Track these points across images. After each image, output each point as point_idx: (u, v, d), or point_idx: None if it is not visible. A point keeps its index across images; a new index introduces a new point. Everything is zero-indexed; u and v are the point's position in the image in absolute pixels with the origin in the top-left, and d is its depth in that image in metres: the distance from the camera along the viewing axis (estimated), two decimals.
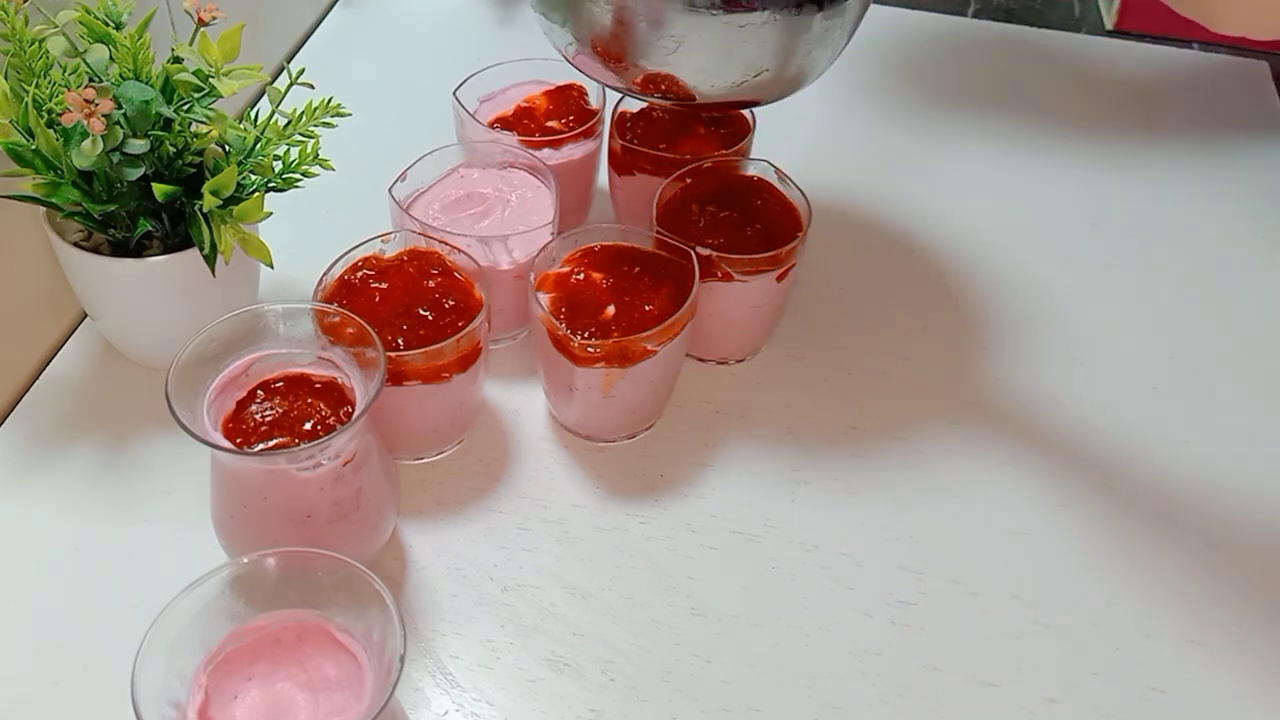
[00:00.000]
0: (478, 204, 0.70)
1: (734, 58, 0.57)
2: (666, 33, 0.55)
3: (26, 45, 0.56)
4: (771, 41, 0.57)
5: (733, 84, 0.58)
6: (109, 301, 0.65)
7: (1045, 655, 0.57)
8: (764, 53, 0.57)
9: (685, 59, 0.56)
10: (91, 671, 0.54)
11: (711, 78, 0.59)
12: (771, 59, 0.58)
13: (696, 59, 0.56)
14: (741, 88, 0.59)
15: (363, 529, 0.56)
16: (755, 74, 0.58)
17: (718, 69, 0.57)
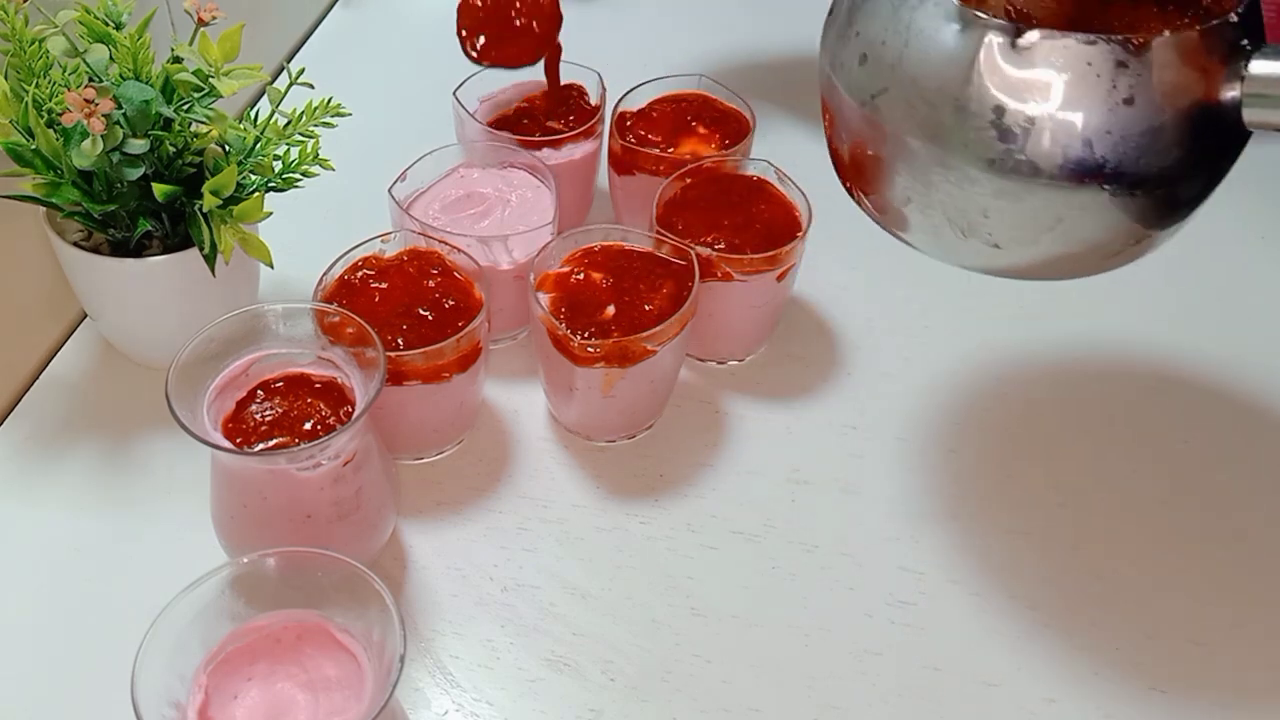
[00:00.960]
0: (478, 204, 0.70)
1: (1118, 229, 0.49)
2: (1046, 213, 0.47)
3: (26, 45, 0.56)
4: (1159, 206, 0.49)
5: (1108, 256, 0.51)
6: (109, 301, 0.65)
7: (1045, 655, 0.57)
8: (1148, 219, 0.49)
9: (1061, 238, 0.49)
10: (91, 671, 0.54)
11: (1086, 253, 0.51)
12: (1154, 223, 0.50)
13: (1074, 236, 0.49)
14: (1114, 259, 0.51)
15: (363, 529, 0.56)
16: (1135, 241, 0.50)
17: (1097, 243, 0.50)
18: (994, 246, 0.49)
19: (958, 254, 0.51)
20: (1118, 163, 0.45)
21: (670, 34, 0.99)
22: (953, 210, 0.49)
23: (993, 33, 0.45)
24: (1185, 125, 0.45)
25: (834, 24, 0.53)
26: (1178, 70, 0.45)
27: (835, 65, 0.52)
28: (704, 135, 0.74)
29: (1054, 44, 0.44)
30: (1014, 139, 0.45)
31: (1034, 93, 0.45)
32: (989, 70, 0.46)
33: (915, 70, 0.47)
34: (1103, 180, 0.45)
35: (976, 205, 0.48)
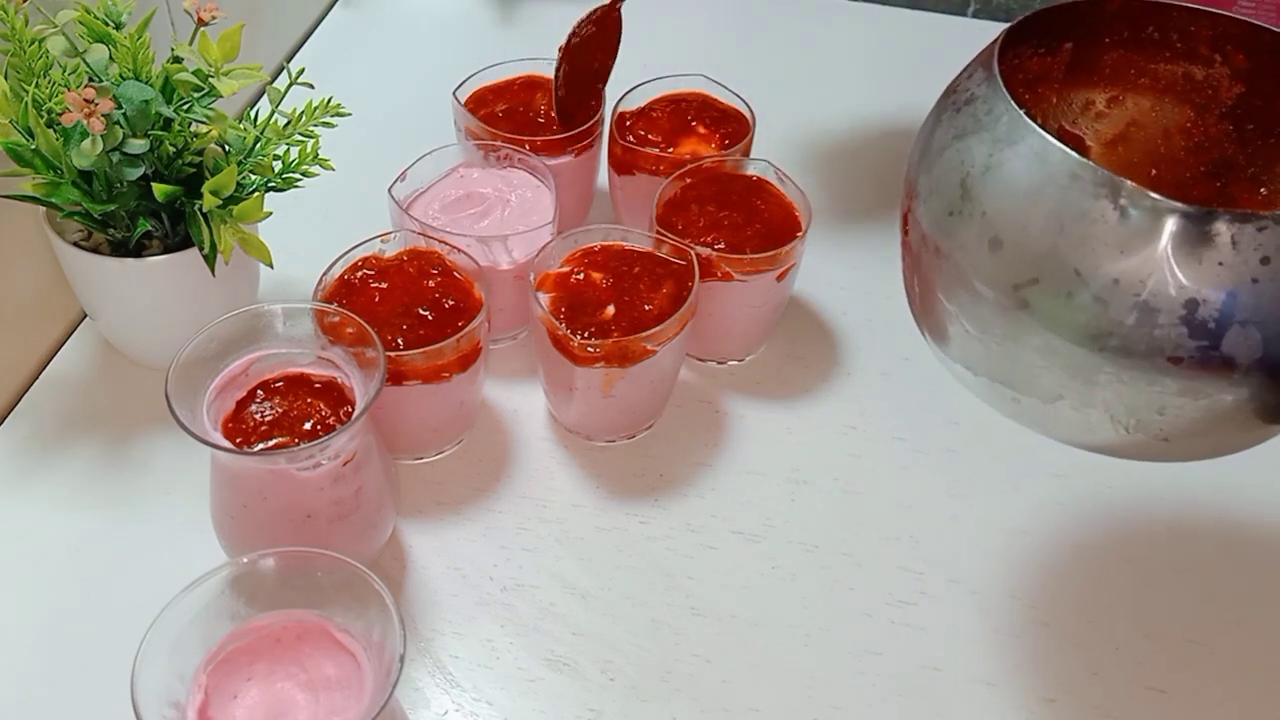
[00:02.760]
0: (477, 204, 0.70)
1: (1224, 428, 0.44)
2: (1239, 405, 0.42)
3: (26, 45, 0.56)
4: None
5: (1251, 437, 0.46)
6: (109, 301, 0.65)
7: (1045, 655, 0.57)
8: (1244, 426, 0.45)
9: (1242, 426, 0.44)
10: (91, 671, 0.54)
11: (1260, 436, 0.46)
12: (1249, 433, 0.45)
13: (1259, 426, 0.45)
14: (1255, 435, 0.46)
15: (363, 529, 0.56)
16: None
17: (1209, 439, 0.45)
18: (1164, 440, 0.44)
19: (1111, 445, 0.46)
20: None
21: (670, 34, 0.99)
22: (1119, 409, 0.43)
23: (1176, 216, 0.39)
24: None
25: (936, 193, 0.46)
26: None
27: (944, 245, 0.45)
28: (704, 135, 0.74)
29: (1249, 227, 0.39)
30: (1207, 334, 0.40)
31: (1231, 281, 0.39)
32: (1176, 259, 0.39)
33: (1078, 261, 0.41)
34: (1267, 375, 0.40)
35: (1152, 404, 0.42)
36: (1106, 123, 0.55)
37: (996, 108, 0.43)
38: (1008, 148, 0.43)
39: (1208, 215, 0.39)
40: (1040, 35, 0.51)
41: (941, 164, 0.46)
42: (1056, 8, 0.50)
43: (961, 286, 0.45)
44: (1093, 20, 0.51)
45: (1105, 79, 0.54)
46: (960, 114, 0.46)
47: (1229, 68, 0.51)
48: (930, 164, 0.46)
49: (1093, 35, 0.52)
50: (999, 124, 0.43)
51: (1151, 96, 0.54)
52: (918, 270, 0.47)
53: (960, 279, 0.45)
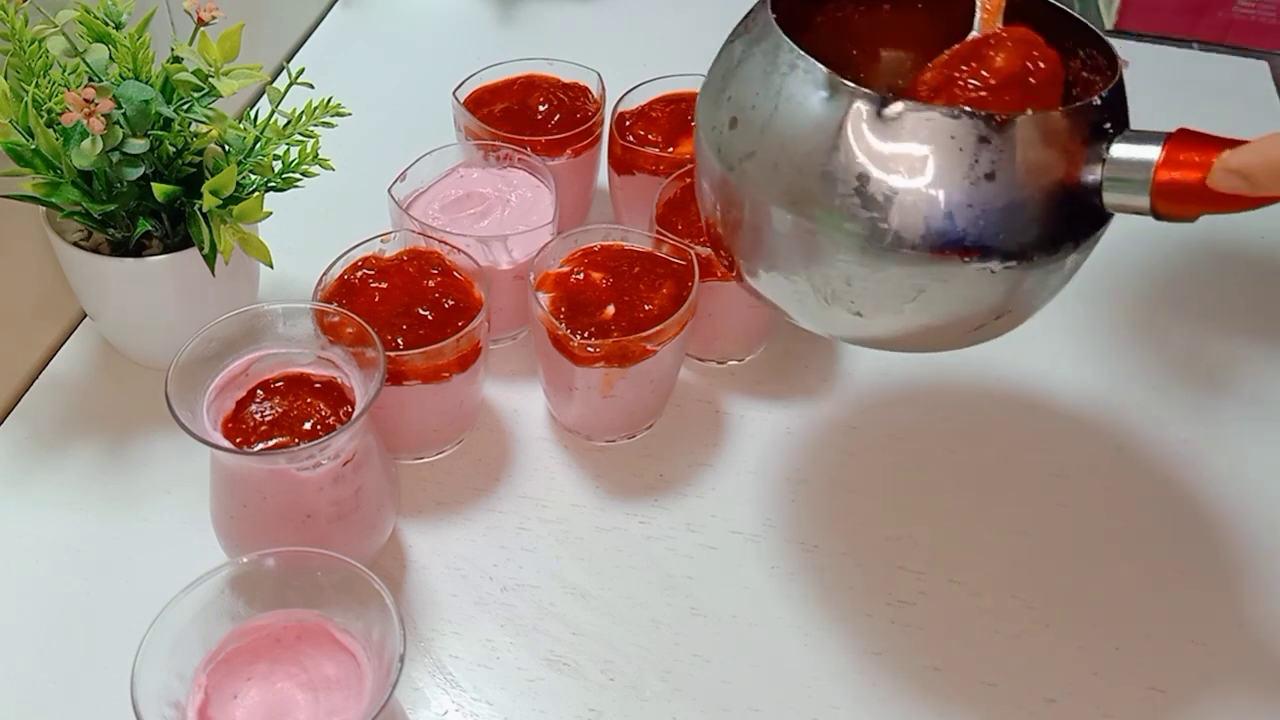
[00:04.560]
0: (477, 204, 0.70)
1: (978, 302, 0.48)
2: (907, 283, 0.47)
3: (26, 45, 0.56)
4: (1019, 283, 0.48)
5: (970, 329, 0.50)
6: (109, 301, 0.65)
7: (1045, 655, 0.57)
8: (1008, 295, 0.48)
9: (923, 309, 0.48)
10: (91, 671, 0.54)
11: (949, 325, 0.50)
12: (1013, 300, 0.48)
13: (935, 308, 0.48)
14: (978, 332, 0.50)
15: (362, 529, 0.56)
16: (996, 317, 0.49)
17: (959, 316, 0.49)
18: (857, 315, 0.49)
19: (823, 321, 0.51)
20: (978, 236, 0.45)
21: (670, 34, 0.99)
22: (817, 278, 0.48)
23: (860, 101, 0.45)
24: (1046, 203, 0.45)
25: (709, 87, 0.52)
26: (1040, 149, 0.45)
27: (707, 127, 0.51)
28: None
29: (919, 116, 0.44)
30: (877, 208, 0.45)
31: (898, 163, 0.45)
32: (855, 138, 0.45)
33: (783, 135, 0.47)
34: (963, 253, 0.45)
35: (840, 273, 0.47)
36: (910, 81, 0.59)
37: (760, 14, 0.50)
38: (756, 45, 0.49)
39: (881, 100, 0.45)
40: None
41: (717, 63, 0.52)
42: None
43: (711, 162, 0.51)
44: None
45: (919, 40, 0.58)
46: (742, 23, 0.52)
47: None
48: (712, 66, 0.53)
49: None
50: (756, 25, 0.50)
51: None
52: (698, 155, 0.53)
53: (709, 155, 0.51)
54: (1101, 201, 0.46)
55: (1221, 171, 0.43)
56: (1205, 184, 0.43)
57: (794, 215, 0.47)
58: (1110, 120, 0.46)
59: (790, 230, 0.48)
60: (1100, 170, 0.45)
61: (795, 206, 0.47)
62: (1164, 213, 0.45)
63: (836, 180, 0.46)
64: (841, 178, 0.46)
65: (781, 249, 0.49)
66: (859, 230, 0.46)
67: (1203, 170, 0.43)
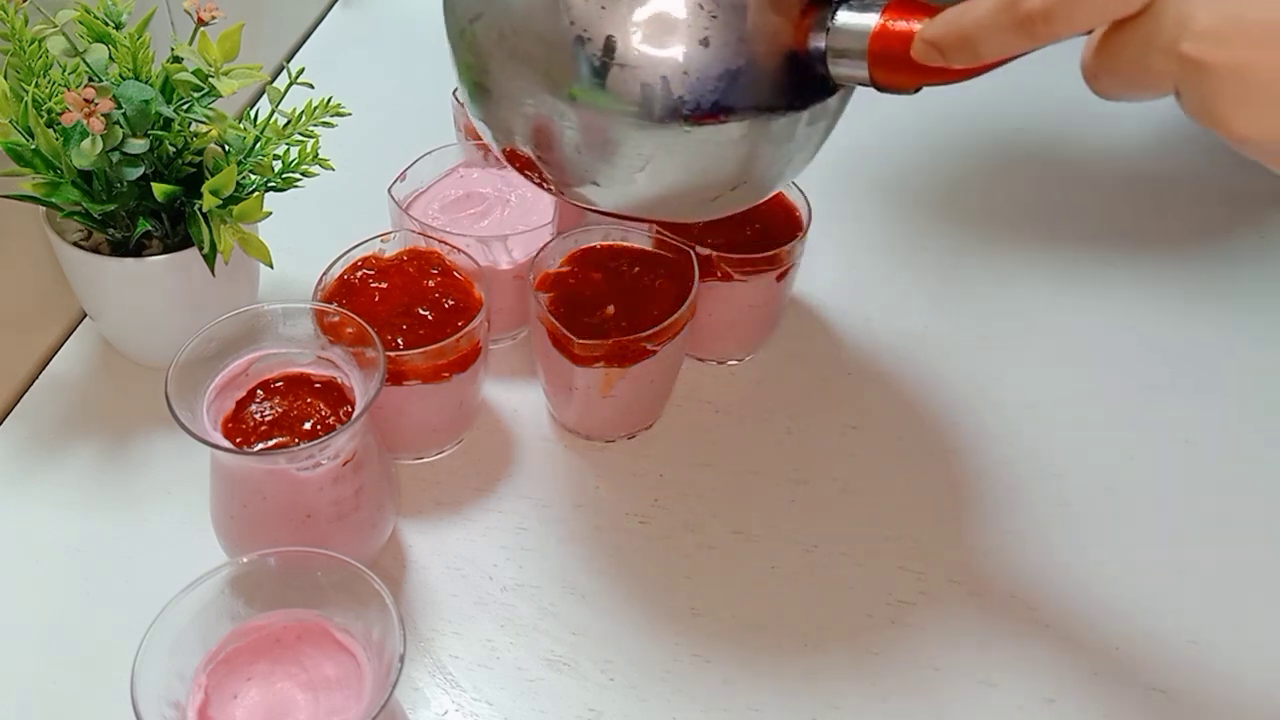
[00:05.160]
0: (477, 204, 0.69)
1: (709, 172, 0.48)
2: (633, 151, 0.47)
3: (26, 45, 0.56)
4: (748, 152, 0.48)
5: (707, 200, 0.51)
6: (108, 301, 0.65)
7: (1045, 655, 0.57)
8: (739, 165, 0.49)
9: (654, 178, 0.48)
10: (91, 671, 0.54)
11: (684, 195, 0.50)
12: (745, 170, 0.49)
13: (666, 177, 0.48)
14: (716, 203, 0.51)
15: (362, 529, 0.56)
16: (731, 188, 0.50)
17: (692, 185, 0.49)
18: (595, 184, 0.49)
19: (569, 190, 0.51)
20: (695, 103, 0.44)
21: None
22: (547, 147, 0.48)
23: None
24: (767, 71, 0.45)
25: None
26: (758, 15, 0.44)
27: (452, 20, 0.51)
28: None
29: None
30: (595, 72, 0.45)
31: (614, 26, 0.44)
32: (573, 1, 0.45)
33: (522, 7, 0.46)
34: (682, 120, 0.45)
35: (569, 140, 0.47)
36: None
37: None
38: None
39: None
40: None
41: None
42: None
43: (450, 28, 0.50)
44: None
45: None
46: None
47: None
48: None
49: None
50: None
51: None
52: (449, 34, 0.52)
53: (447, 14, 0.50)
54: (828, 72, 0.45)
55: (921, 43, 0.41)
56: (911, 54, 0.42)
57: (520, 80, 0.47)
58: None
59: (515, 97, 0.47)
60: (824, 39, 0.44)
61: (520, 72, 0.47)
62: (883, 84, 0.44)
63: (555, 44, 0.45)
64: (559, 42, 0.45)
65: (516, 116, 0.49)
66: (578, 96, 0.45)
67: (910, 39, 0.42)
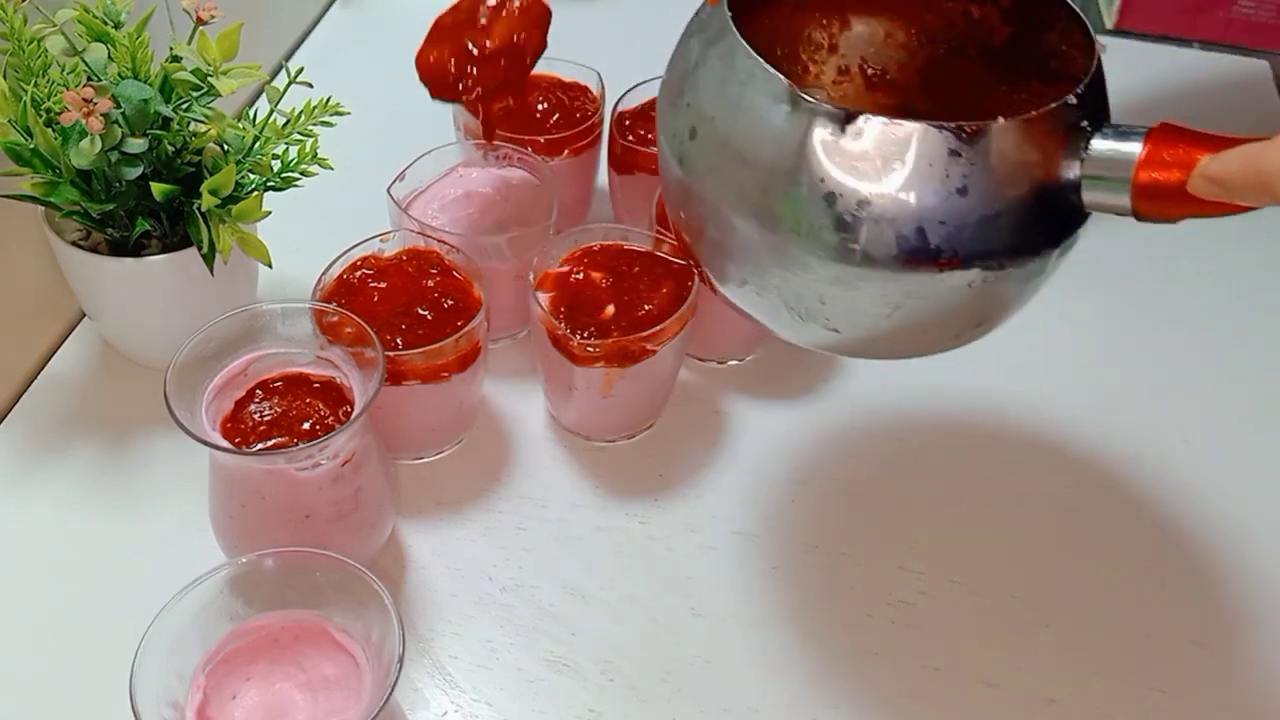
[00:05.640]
0: (477, 203, 0.69)
1: (958, 314, 0.46)
2: (881, 300, 0.45)
3: (25, 44, 0.56)
4: (1000, 291, 0.46)
5: (948, 338, 0.49)
6: (107, 301, 0.65)
7: (1045, 655, 0.57)
8: (991, 305, 0.47)
9: (898, 323, 0.46)
10: (91, 671, 0.54)
11: (927, 336, 0.49)
12: (996, 308, 0.47)
13: (912, 322, 0.46)
14: (957, 340, 0.49)
15: (362, 529, 0.56)
16: (977, 324, 0.48)
17: (937, 327, 0.48)
18: (833, 330, 0.47)
19: (799, 335, 0.49)
20: (953, 251, 0.43)
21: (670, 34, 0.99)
22: (789, 295, 0.46)
23: (823, 118, 0.42)
24: (1023, 210, 0.43)
25: (668, 88, 0.49)
26: (1014, 156, 0.42)
27: (668, 133, 0.48)
28: None
29: (886, 131, 0.42)
30: (847, 227, 0.43)
31: (866, 181, 0.42)
32: (821, 156, 0.43)
33: (745, 151, 0.44)
34: (938, 268, 0.43)
35: (812, 291, 0.45)
36: (903, 54, 0.57)
37: (718, 11, 0.47)
38: (712, 46, 0.46)
39: (847, 116, 0.42)
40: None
41: (673, 59, 0.50)
42: None
43: (671, 173, 0.49)
44: None
45: (897, 12, 0.56)
46: (697, 17, 0.50)
47: (998, 7, 0.53)
48: (670, 64, 0.50)
49: None
50: (712, 24, 0.47)
51: (940, 31, 0.56)
52: (660, 158, 0.51)
53: (671, 164, 0.48)
54: (1080, 200, 0.44)
55: (1201, 178, 0.40)
56: (1186, 188, 0.41)
57: (761, 234, 0.45)
58: (1088, 116, 0.44)
59: (758, 248, 0.45)
60: (1079, 168, 0.43)
61: (761, 226, 0.45)
62: (1146, 214, 0.43)
63: (802, 200, 0.43)
64: (808, 197, 0.43)
65: (750, 266, 0.47)
66: (829, 252, 0.44)
67: (1185, 172, 0.41)
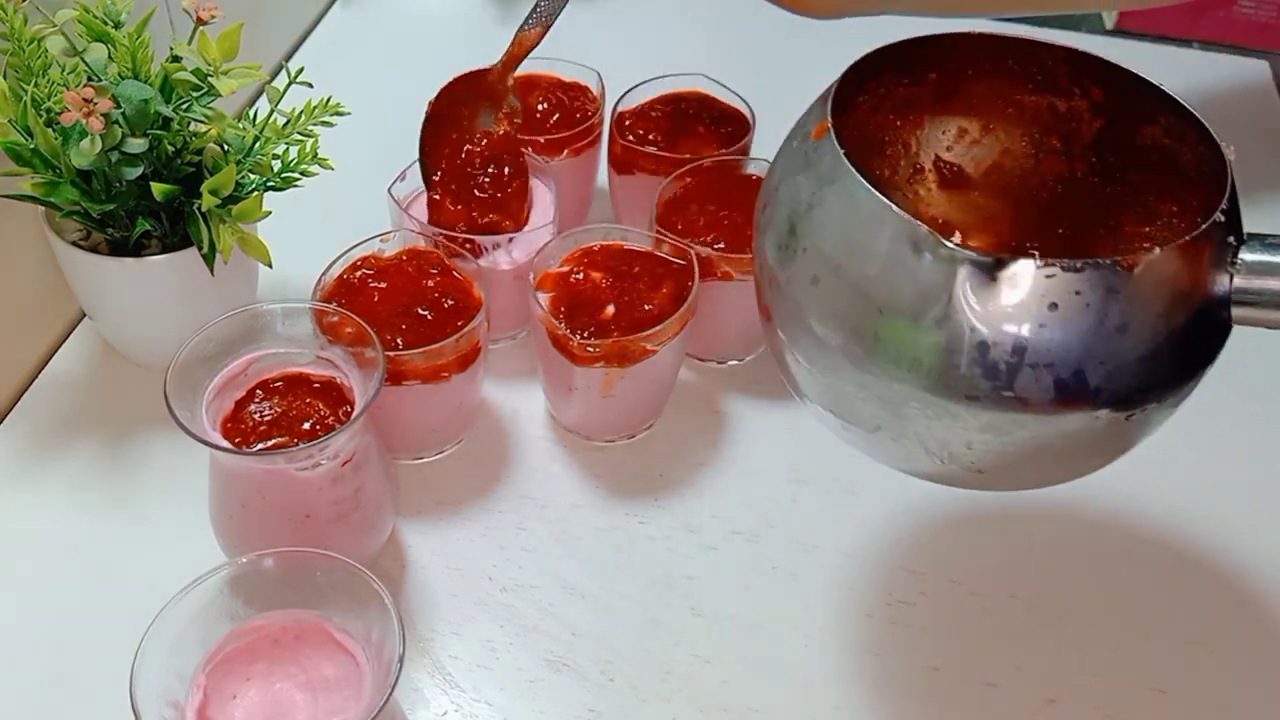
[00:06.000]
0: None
1: (1108, 448, 0.45)
2: (1031, 444, 0.43)
3: (25, 44, 0.56)
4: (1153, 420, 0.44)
5: (1090, 469, 0.47)
6: (107, 301, 0.65)
7: (1045, 655, 0.57)
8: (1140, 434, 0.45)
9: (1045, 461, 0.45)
10: (91, 671, 0.54)
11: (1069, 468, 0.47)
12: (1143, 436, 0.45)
13: (1061, 459, 0.45)
14: (1095, 469, 0.47)
15: (362, 529, 0.56)
16: (1123, 452, 0.46)
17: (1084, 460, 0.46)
18: (977, 472, 0.45)
19: (935, 474, 0.47)
20: (1113, 390, 0.41)
21: (670, 34, 0.99)
22: (931, 441, 0.44)
23: (971, 265, 0.40)
24: (1179, 338, 0.42)
25: (772, 227, 0.47)
26: (1171, 285, 0.41)
27: (780, 275, 0.46)
28: (704, 135, 0.74)
29: (1039, 274, 0.40)
30: (1000, 376, 0.41)
31: (1020, 327, 0.40)
32: (971, 305, 0.40)
33: (881, 301, 0.42)
34: (1096, 407, 0.41)
35: (959, 438, 0.43)
36: (981, 150, 0.56)
37: (823, 146, 0.44)
38: (828, 187, 0.43)
39: (997, 263, 0.40)
40: (903, 65, 0.53)
41: (778, 199, 0.46)
42: (915, 40, 0.52)
43: (791, 319, 0.46)
44: (955, 51, 0.53)
45: (975, 108, 0.55)
46: (796, 149, 0.47)
47: (1088, 100, 0.52)
48: (769, 196, 0.47)
49: (958, 66, 0.54)
50: (823, 162, 0.44)
51: (1021, 125, 0.55)
52: (761, 298, 0.49)
53: (788, 312, 0.46)
54: (1229, 316, 0.42)
55: None
56: None
57: (901, 385, 0.42)
58: (1232, 229, 0.42)
59: (898, 399, 0.43)
60: (1228, 283, 0.41)
61: (903, 378, 0.42)
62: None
63: (951, 352, 0.41)
64: (957, 348, 0.41)
65: (888, 415, 0.44)
66: (981, 401, 0.41)
67: None
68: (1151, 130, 0.50)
